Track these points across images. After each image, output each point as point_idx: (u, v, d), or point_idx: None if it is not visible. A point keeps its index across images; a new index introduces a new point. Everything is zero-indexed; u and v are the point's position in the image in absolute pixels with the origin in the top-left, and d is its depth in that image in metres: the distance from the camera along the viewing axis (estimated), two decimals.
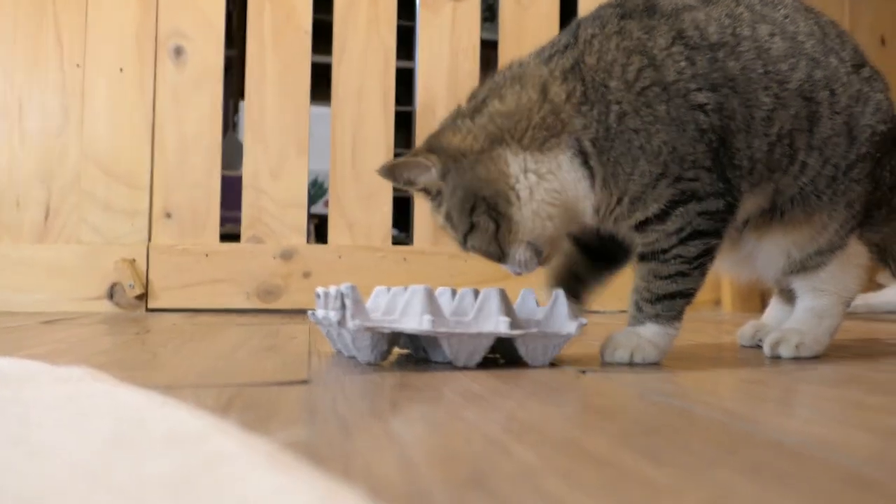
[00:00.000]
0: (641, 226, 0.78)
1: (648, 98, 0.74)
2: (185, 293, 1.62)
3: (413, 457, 0.37)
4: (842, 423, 0.48)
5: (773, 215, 0.83)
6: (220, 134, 1.69)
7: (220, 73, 1.68)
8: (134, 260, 1.61)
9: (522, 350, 0.72)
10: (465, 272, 1.71)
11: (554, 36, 0.85)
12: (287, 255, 1.67)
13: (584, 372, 0.69)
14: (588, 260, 0.89)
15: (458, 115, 0.81)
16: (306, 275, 1.67)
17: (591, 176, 0.76)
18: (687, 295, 0.79)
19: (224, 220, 2.47)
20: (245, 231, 1.68)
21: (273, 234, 1.69)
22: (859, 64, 0.84)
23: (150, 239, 1.64)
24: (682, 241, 0.77)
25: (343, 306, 0.69)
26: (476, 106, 0.80)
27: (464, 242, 0.81)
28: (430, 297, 0.69)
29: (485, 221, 0.78)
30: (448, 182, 0.79)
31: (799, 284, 0.87)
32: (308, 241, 1.72)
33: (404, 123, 1.97)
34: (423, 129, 1.75)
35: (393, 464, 0.35)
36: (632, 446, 0.39)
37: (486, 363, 0.73)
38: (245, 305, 1.65)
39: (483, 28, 1.81)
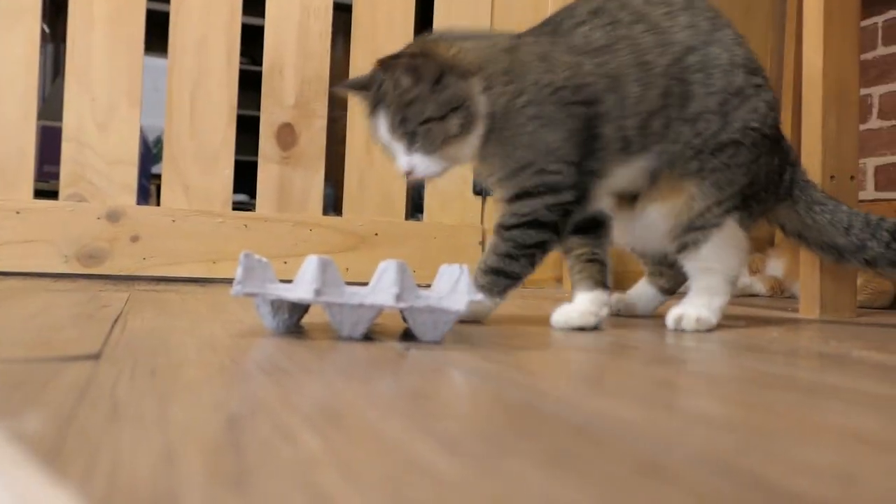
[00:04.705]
0: (499, 201, 0.94)
1: (545, 94, 0.90)
2: None
3: (178, 449, 0.32)
4: (648, 404, 0.48)
5: (652, 183, 0.97)
6: (35, 79, 1.52)
7: (36, 9, 1.50)
8: None
9: (411, 324, 0.72)
10: (308, 240, 1.65)
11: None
12: (114, 217, 1.54)
13: (408, 349, 0.66)
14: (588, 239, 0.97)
15: None
16: (134, 238, 1.55)
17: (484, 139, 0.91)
18: (511, 277, 0.92)
19: (48, 176, 2.26)
20: (65, 188, 1.53)
21: (98, 192, 1.55)
22: (754, 70, 0.98)
23: None
24: (521, 225, 0.91)
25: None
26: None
27: (421, 123, 0.88)
28: (324, 267, 0.69)
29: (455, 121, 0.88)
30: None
31: (688, 266, 0.99)
32: (149, 204, 1.59)
33: (254, 83, 1.87)
34: (270, 91, 1.66)
35: (150, 459, 0.30)
36: (430, 432, 0.37)
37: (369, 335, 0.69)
38: (63, 269, 1.50)
39: None
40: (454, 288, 0.74)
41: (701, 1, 1.01)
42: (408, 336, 0.75)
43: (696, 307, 0.95)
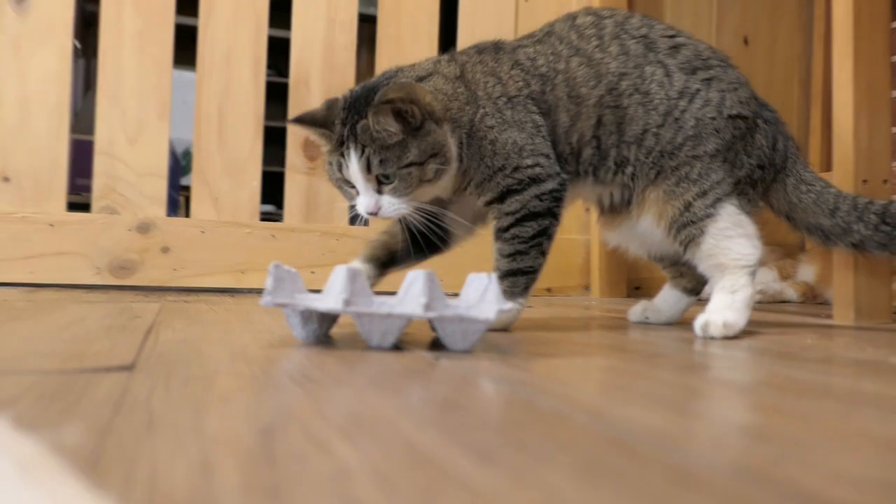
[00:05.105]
0: (488, 204, 0.95)
1: (499, 105, 0.94)
2: (25, 266, 1.48)
3: (214, 459, 0.32)
4: (681, 413, 0.47)
5: (631, 198, 1.01)
6: (68, 93, 1.55)
7: (69, 24, 1.54)
8: None
9: (440, 333, 0.71)
10: (335, 250, 1.66)
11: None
12: (144, 228, 1.56)
13: (437, 358, 0.66)
14: (411, 244, 0.98)
15: None
16: (165, 250, 1.57)
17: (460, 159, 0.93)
18: (527, 272, 0.94)
19: (81, 189, 2.29)
20: (97, 201, 1.56)
21: (129, 204, 1.57)
22: (697, 67, 1.00)
23: None
24: (517, 223, 0.94)
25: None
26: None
27: (402, 167, 0.88)
28: (352, 277, 0.70)
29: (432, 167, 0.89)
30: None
31: (701, 266, 0.98)
32: (179, 215, 1.61)
33: (280, 95, 1.89)
34: (296, 102, 1.67)
35: (187, 469, 0.31)
36: (464, 443, 0.36)
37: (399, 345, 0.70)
38: (95, 281, 1.53)
39: (362, 3, 1.75)
40: (483, 297, 0.74)
41: (632, 22, 1.03)
42: (436, 345, 0.75)
43: (720, 311, 0.94)
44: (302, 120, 0.94)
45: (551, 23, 1.05)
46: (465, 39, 1.76)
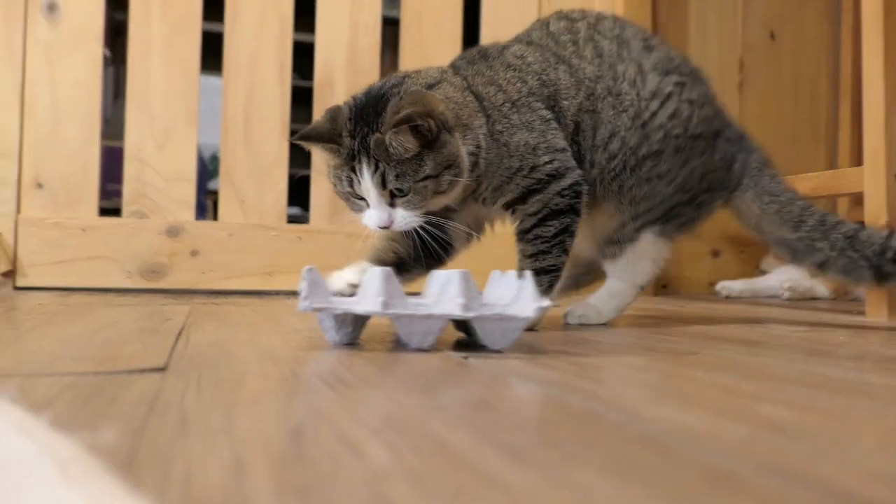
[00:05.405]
0: (508, 206, 0.95)
1: (504, 111, 0.93)
2: (58, 270, 1.51)
3: (248, 460, 0.33)
4: (713, 411, 0.47)
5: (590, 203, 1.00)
6: (98, 100, 1.57)
7: (99, 33, 1.56)
8: (0, 234, 1.48)
9: (480, 333, 0.71)
10: (362, 252, 1.67)
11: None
12: (173, 232, 1.58)
13: (466, 358, 0.66)
14: (417, 251, 0.96)
15: None
16: (194, 253, 1.59)
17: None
18: (550, 271, 0.93)
19: (112, 194, 2.33)
20: (127, 205, 1.58)
21: (158, 208, 1.59)
22: (670, 70, 1.00)
23: (18, 211, 1.52)
24: (540, 222, 0.93)
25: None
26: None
27: (418, 181, 0.85)
28: (388, 279, 0.69)
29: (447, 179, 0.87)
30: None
31: (609, 270, 1.05)
32: (207, 219, 1.63)
33: (305, 98, 1.90)
34: (321, 105, 1.68)
35: (220, 469, 0.31)
36: (496, 443, 0.36)
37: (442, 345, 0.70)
38: (126, 285, 1.55)
39: (385, 5, 1.75)
40: (519, 295, 0.73)
41: (605, 23, 1.03)
42: (463, 346, 0.74)
43: (583, 307, 1.02)
44: (307, 137, 0.89)
45: (528, 31, 1.05)
46: (488, 40, 1.76)
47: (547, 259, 0.93)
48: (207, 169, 3.36)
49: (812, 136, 2.16)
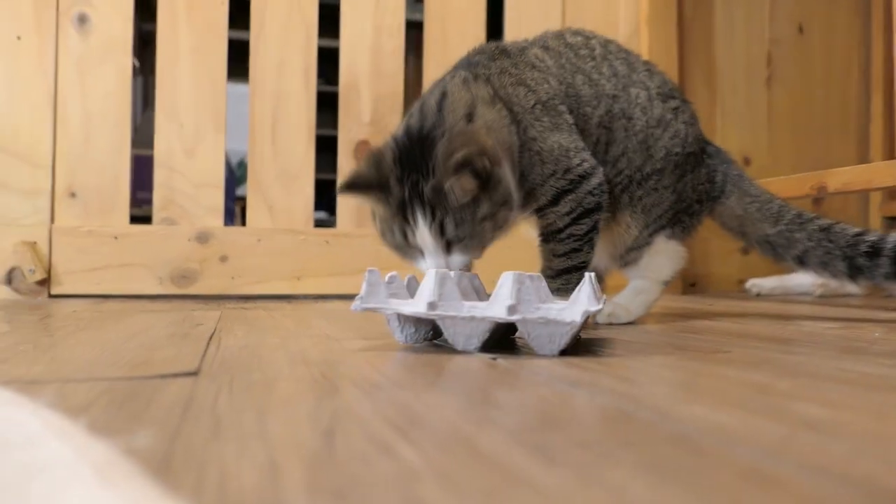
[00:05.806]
0: (539, 210, 0.95)
1: (536, 114, 0.94)
2: (91, 278, 1.54)
3: (282, 462, 0.33)
4: (747, 410, 0.46)
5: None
6: (128, 110, 1.60)
7: (128, 44, 1.59)
8: (35, 243, 1.51)
9: (526, 337, 0.70)
10: (390, 255, 1.67)
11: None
12: (203, 238, 1.60)
13: (495, 359, 0.66)
14: None
15: None
16: (223, 259, 1.60)
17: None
18: (580, 268, 0.95)
19: (142, 202, 2.36)
20: (157, 213, 1.60)
21: (188, 215, 1.61)
22: (668, 95, 1.05)
23: (52, 220, 1.55)
24: (574, 221, 0.94)
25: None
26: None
27: (477, 224, 0.84)
28: (442, 281, 0.70)
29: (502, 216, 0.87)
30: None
31: (631, 274, 1.08)
32: (235, 224, 1.65)
33: (331, 104, 1.91)
34: (346, 110, 1.69)
35: (254, 471, 0.31)
36: (527, 443, 0.36)
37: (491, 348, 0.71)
38: (158, 291, 1.57)
39: (408, 8, 1.76)
40: (576, 298, 0.70)
41: (613, 45, 1.07)
42: (508, 348, 0.74)
43: (612, 305, 1.03)
44: (354, 186, 0.85)
45: (542, 37, 1.06)
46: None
47: (578, 256, 0.95)
48: (235, 175, 3.40)
49: (842, 131, 2.13)
